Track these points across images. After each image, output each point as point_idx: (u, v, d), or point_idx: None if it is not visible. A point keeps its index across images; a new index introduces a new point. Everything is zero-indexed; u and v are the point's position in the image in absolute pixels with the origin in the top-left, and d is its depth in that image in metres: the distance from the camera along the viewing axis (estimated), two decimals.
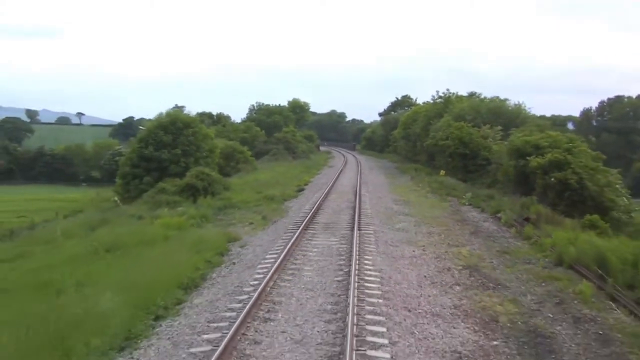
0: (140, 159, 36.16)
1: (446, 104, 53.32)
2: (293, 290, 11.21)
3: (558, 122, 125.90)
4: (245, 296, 10.53)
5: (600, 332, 9.63)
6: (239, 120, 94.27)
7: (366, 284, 11.40)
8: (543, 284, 12.50)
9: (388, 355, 7.95)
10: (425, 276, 12.80)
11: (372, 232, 17.60)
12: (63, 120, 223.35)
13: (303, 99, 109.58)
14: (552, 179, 24.29)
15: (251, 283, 11.52)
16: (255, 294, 10.26)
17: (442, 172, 40.85)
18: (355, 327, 8.69)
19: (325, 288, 11.34)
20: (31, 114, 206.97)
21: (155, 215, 23.60)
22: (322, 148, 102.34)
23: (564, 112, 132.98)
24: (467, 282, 12.48)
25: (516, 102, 49.33)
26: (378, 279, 11.90)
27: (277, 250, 14.55)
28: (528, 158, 26.38)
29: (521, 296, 11.58)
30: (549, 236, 16.40)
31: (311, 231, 17.75)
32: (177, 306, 10.67)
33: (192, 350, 8.26)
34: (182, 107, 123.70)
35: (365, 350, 7.98)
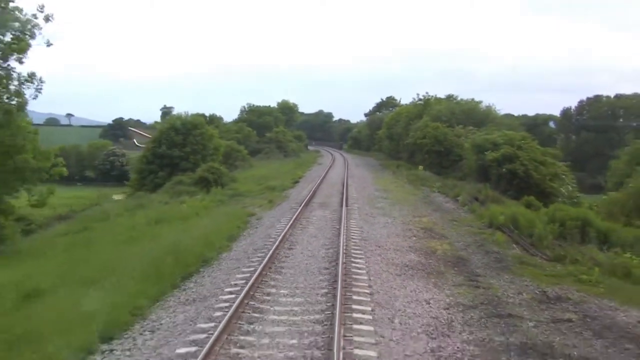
0: (155, 157, 41.88)
1: (425, 105, 59.45)
2: (303, 237, 17.09)
3: (539, 120, 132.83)
4: (273, 239, 16.32)
5: (499, 257, 15.57)
6: (229, 120, 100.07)
7: (351, 234, 17.25)
8: (473, 236, 18.47)
9: (363, 263, 13.81)
10: (392, 232, 18.68)
11: (356, 208, 23.47)
12: (52, 121, 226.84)
13: (291, 98, 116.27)
14: (504, 170, 30.40)
15: (274, 233, 17.34)
16: (280, 237, 16.06)
17: (421, 167, 46.86)
18: (344, 252, 14.46)
19: (324, 235, 17.20)
20: None
21: (180, 200, 29.37)
22: (310, 147, 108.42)
23: (555, 110, 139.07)
24: (421, 236, 18.37)
25: (488, 104, 55.69)
26: (359, 232, 17.79)
27: (288, 218, 20.37)
28: (486, 153, 32.48)
29: (455, 242, 17.49)
30: (488, 210, 22.40)
31: (310, 208, 23.62)
32: (229, 245, 16.53)
33: (249, 264, 13.99)
34: (171, 108, 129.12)
35: (350, 261, 13.79)
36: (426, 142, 47.32)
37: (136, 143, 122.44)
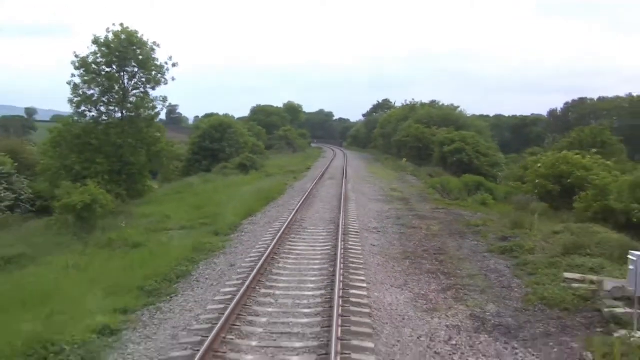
0: (200, 149, 56.68)
1: (411, 109, 74.64)
2: (321, 190, 31.99)
3: (528, 121, 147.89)
4: (303, 193, 31.00)
5: (425, 198, 30.42)
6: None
7: (348, 190, 32.00)
8: (418, 192, 33.36)
9: (354, 197, 28.65)
10: (371, 190, 33.52)
11: (352, 181, 38.26)
12: (58, 118, 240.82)
13: (293, 97, 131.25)
14: (455, 158, 45.37)
15: (305, 188, 32.12)
16: (309, 190, 30.84)
17: (404, 159, 61.78)
18: (344, 194, 29.15)
19: (333, 190, 32.02)
20: (30, 112, 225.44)
21: (232, 177, 44.14)
22: (313, 145, 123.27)
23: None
24: (388, 192, 33.18)
25: (461, 109, 70.88)
26: (352, 189, 32.65)
27: (310, 184, 35.15)
28: (444, 147, 47.44)
29: (406, 194, 32.33)
30: (433, 180, 37.35)
31: (322, 180, 38.46)
32: (284, 192, 31.39)
33: (297, 198, 28.62)
34: (176, 105, 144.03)
35: (347, 198, 28.52)
36: (409, 139, 62.35)
37: None
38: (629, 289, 10.92)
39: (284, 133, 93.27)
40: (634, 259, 10.44)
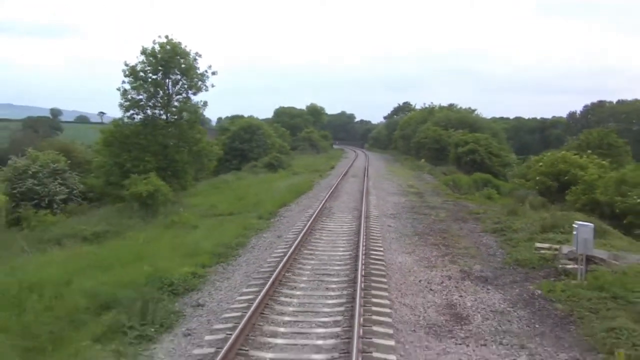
0: (230, 149, 61.18)
1: (430, 113, 78.64)
2: (347, 185, 36.28)
3: (548, 124, 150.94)
4: (329, 187, 35.24)
5: (438, 192, 34.50)
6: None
7: (369, 185, 36.20)
8: (432, 188, 37.45)
9: (374, 192, 32.83)
10: (390, 186, 37.66)
11: (372, 178, 42.45)
12: (82, 119, 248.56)
13: (311, 96, 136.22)
14: (468, 158, 49.32)
15: (331, 184, 36.38)
16: (332, 188, 34.95)
17: (423, 160, 65.80)
18: (365, 189, 33.31)
19: (356, 186, 36.20)
20: (55, 112, 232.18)
21: (258, 176, 48.51)
22: (335, 146, 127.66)
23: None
24: (405, 187, 37.30)
25: (478, 112, 74.77)
26: (372, 186, 36.81)
27: (335, 180, 39.34)
28: (459, 148, 51.40)
29: (421, 189, 36.42)
30: (445, 177, 41.38)
31: (345, 178, 42.67)
32: (311, 187, 35.64)
33: (325, 191, 32.84)
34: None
35: (368, 192, 32.67)
36: (427, 141, 66.41)
37: None
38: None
39: (307, 135, 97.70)
40: (576, 226, 14.51)
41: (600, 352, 9.84)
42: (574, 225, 14.83)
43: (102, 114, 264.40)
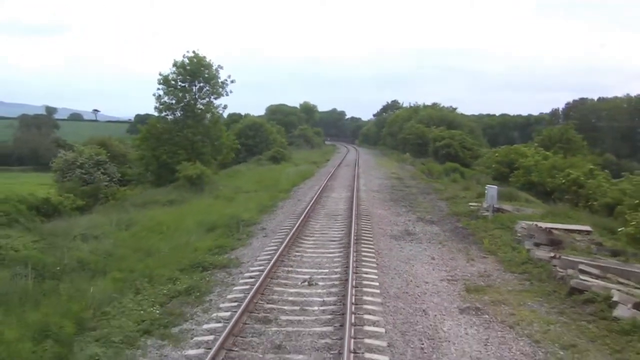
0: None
1: (415, 111, 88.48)
2: (341, 172, 46.01)
3: (532, 120, 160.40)
4: (328, 174, 44.87)
5: (414, 177, 44.23)
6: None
7: (359, 173, 45.87)
8: (410, 174, 47.20)
9: (363, 179, 42.50)
10: (376, 173, 47.33)
11: (363, 168, 52.13)
12: (76, 117, 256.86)
13: (300, 92, 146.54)
14: (444, 152, 59.06)
15: (328, 172, 46.02)
16: (330, 174, 44.65)
17: (407, 154, 75.54)
18: (356, 175, 42.93)
19: (349, 173, 45.88)
20: (50, 110, 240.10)
21: (265, 167, 58.03)
22: (327, 142, 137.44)
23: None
24: (389, 174, 46.97)
25: (459, 110, 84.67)
26: (362, 173, 46.51)
27: (332, 169, 48.97)
28: (437, 143, 61.15)
29: (402, 176, 46.09)
30: (422, 166, 51.11)
31: (340, 168, 52.34)
32: (313, 174, 45.30)
33: (325, 177, 42.38)
34: None
35: (359, 178, 42.32)
36: (411, 137, 76.19)
37: None
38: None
39: (302, 131, 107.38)
40: (487, 188, 24.24)
41: (479, 243, 19.53)
42: (485, 187, 24.60)
43: (96, 111, 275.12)
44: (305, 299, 12.33)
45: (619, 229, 20.31)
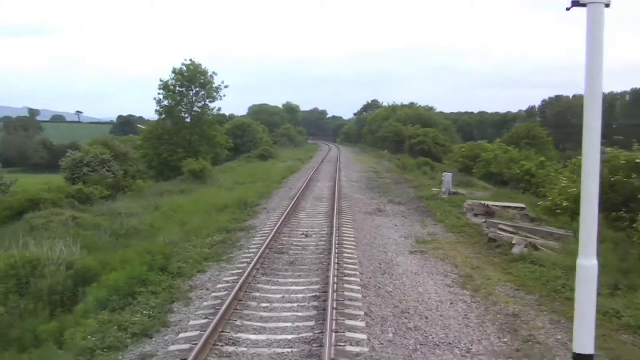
0: None
1: (393, 110, 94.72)
2: (325, 167, 51.95)
3: (509, 117, 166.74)
4: (313, 168, 50.78)
5: (389, 169, 50.31)
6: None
7: (341, 166, 51.86)
8: (387, 169, 53.27)
9: (345, 170, 48.50)
10: (356, 167, 53.33)
11: (344, 164, 58.11)
12: (58, 119, 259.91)
13: (282, 93, 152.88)
14: (418, 148, 65.22)
15: (313, 167, 51.92)
16: (315, 168, 50.53)
17: (386, 151, 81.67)
18: (338, 169, 48.87)
19: (332, 168, 51.80)
20: (33, 112, 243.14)
21: (254, 164, 63.83)
22: (309, 141, 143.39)
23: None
24: (367, 168, 52.99)
25: (435, 109, 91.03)
26: (343, 167, 52.52)
27: (316, 165, 54.87)
28: (412, 140, 67.32)
29: (379, 170, 52.13)
30: (397, 161, 57.24)
31: (323, 164, 58.28)
32: (300, 169, 51.22)
33: (311, 170, 48.23)
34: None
35: (340, 170, 48.30)
36: (389, 135, 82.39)
37: None
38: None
39: (286, 131, 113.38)
40: (444, 175, 30.36)
41: (433, 216, 25.52)
42: (443, 173, 30.72)
43: (79, 113, 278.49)
44: (304, 243, 18.27)
45: (539, 203, 26.49)
